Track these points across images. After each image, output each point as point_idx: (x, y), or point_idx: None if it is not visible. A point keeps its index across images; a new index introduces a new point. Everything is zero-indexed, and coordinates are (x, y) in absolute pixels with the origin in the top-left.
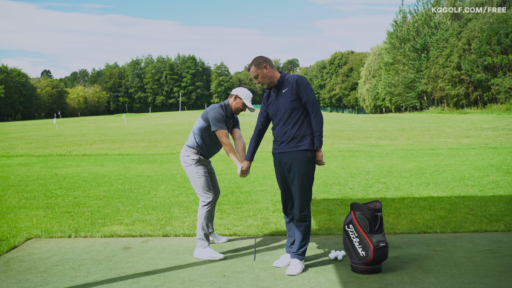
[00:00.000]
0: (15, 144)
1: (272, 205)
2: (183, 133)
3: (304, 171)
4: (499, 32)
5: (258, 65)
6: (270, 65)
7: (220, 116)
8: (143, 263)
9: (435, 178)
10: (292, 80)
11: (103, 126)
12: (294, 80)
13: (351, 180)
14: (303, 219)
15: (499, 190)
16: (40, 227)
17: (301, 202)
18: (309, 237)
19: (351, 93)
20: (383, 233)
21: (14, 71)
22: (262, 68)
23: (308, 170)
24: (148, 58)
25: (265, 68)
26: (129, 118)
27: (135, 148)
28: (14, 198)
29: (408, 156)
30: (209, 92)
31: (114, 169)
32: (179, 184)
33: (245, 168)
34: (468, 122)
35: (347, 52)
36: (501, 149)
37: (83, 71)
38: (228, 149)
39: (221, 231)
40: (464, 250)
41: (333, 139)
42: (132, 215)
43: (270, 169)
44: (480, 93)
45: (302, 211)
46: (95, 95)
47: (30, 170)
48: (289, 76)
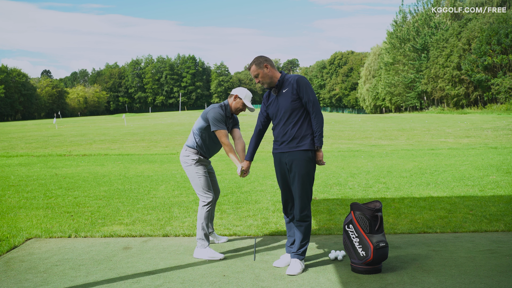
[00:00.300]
0: (15, 144)
1: (272, 205)
2: (183, 133)
3: (304, 171)
4: (499, 32)
5: (259, 64)
6: (271, 65)
7: (220, 116)
8: (143, 263)
9: (435, 178)
10: (292, 80)
11: (103, 126)
12: (295, 80)
13: (351, 180)
14: (304, 219)
15: (499, 190)
16: (40, 227)
17: (302, 202)
18: (310, 237)
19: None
20: (383, 233)
21: (14, 71)
22: (262, 67)
23: (308, 170)
24: (148, 58)
25: (266, 68)
26: (129, 118)
27: (135, 148)
28: (14, 198)
29: (408, 156)
30: (209, 92)
31: (114, 169)
32: (179, 184)
33: (245, 168)
34: (468, 122)
35: (347, 52)
36: (501, 149)
37: (83, 71)
38: (228, 149)
39: (221, 231)
40: (464, 250)
41: (333, 139)
42: (132, 215)
43: (270, 169)
44: (480, 93)
45: (302, 211)
46: (95, 95)
47: (30, 170)
48: (289, 76)
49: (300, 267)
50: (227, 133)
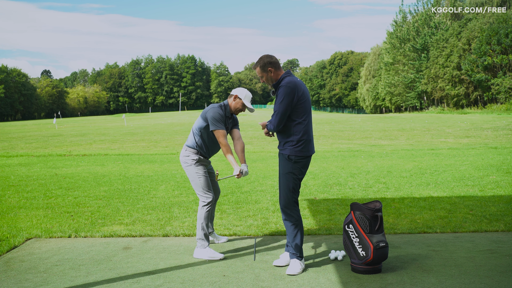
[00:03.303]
0: (15, 144)
1: (272, 205)
2: (183, 133)
3: (284, 172)
4: (499, 32)
5: (263, 67)
6: (275, 68)
7: (219, 116)
8: (143, 263)
9: (435, 178)
10: (282, 84)
11: (103, 126)
12: (280, 87)
13: (351, 180)
14: (286, 214)
15: (499, 190)
16: (40, 227)
17: (283, 198)
18: (300, 237)
19: (351, 93)
20: (383, 233)
21: (14, 71)
22: (267, 71)
23: (287, 172)
24: (148, 58)
25: (270, 72)
26: (129, 118)
27: (135, 148)
28: (14, 198)
29: (408, 156)
30: (209, 92)
31: (114, 169)
32: (179, 184)
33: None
34: (468, 122)
35: (347, 52)
36: (501, 149)
37: (83, 71)
38: (225, 150)
39: (221, 231)
40: (464, 250)
41: (333, 139)
42: (132, 215)
43: (270, 169)
44: (480, 93)
45: (285, 206)
46: (95, 95)
47: (30, 170)
48: (284, 80)
49: (299, 267)
50: (226, 133)
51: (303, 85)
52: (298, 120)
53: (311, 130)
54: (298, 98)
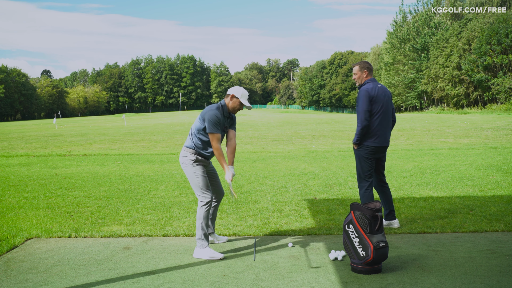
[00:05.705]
0: (15, 144)
1: (272, 205)
2: (183, 133)
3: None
4: (499, 32)
5: (361, 69)
6: (369, 71)
7: (216, 119)
8: (143, 263)
9: (435, 178)
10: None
11: (103, 126)
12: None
13: (351, 180)
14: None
15: (499, 190)
16: (40, 227)
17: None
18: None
19: (351, 93)
20: (383, 233)
21: (14, 71)
22: (362, 72)
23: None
24: (148, 58)
25: (364, 73)
26: (129, 118)
27: (135, 148)
28: (14, 198)
29: (408, 156)
30: (209, 92)
31: (114, 169)
32: (179, 184)
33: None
34: (468, 122)
35: (347, 52)
36: (501, 149)
37: (83, 71)
38: (217, 154)
39: (221, 231)
40: (464, 250)
41: (333, 139)
42: (132, 215)
43: (270, 169)
44: (480, 93)
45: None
46: (95, 95)
47: (30, 170)
48: (364, 86)
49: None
50: (220, 137)
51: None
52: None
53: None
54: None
